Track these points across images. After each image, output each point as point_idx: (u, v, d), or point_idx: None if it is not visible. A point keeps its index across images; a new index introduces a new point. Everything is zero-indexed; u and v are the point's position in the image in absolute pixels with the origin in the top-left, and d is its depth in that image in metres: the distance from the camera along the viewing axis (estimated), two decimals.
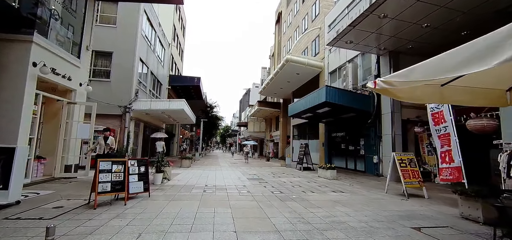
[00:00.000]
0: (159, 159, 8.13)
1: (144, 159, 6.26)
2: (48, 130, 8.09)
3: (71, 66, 8.10)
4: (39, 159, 7.76)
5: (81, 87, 8.58)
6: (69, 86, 8.09)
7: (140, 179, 5.94)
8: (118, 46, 13.79)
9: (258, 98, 38.97)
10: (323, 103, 12.37)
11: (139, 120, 15.13)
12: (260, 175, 11.72)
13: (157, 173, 8.11)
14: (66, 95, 8.28)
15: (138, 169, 5.98)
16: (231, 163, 20.66)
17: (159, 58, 19.23)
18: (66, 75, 7.78)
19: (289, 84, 23.44)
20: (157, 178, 8.07)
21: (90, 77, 13.46)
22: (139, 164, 6.04)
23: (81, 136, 8.09)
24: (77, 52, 8.51)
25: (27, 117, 6.38)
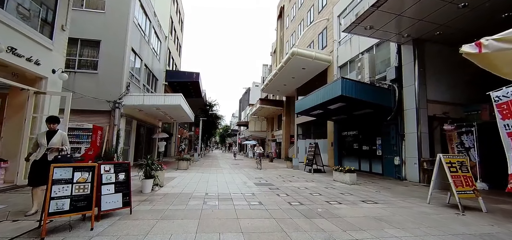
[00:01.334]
0: (148, 162, 6.57)
1: (125, 163, 4.69)
2: (11, 127, 6.49)
3: (39, 47, 6.52)
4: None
5: (54, 75, 6.99)
6: (38, 73, 6.50)
7: (118, 190, 4.38)
8: (107, 33, 12.20)
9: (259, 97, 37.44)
10: (338, 98, 10.85)
11: (131, 117, 13.53)
12: (267, 179, 10.18)
13: (147, 179, 6.55)
14: (35, 84, 6.70)
15: (116, 177, 4.42)
16: (232, 164, 19.09)
17: (155, 51, 17.63)
18: (32, 58, 6.20)
19: (294, 80, 21.94)
20: (146, 185, 6.51)
21: (75, 68, 11.89)
22: (117, 170, 4.48)
23: None
24: (49, 32, 6.92)
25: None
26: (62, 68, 7.24)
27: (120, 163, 4.60)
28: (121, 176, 4.51)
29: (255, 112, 31.37)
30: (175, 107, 12.83)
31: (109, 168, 4.39)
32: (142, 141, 16.57)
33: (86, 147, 11.15)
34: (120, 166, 4.57)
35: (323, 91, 11.99)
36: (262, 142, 35.21)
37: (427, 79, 10.74)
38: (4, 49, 5.14)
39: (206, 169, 13.50)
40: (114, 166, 4.47)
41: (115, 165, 4.51)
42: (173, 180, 9.00)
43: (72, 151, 11.04)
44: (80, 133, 11.20)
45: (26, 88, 6.28)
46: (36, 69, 6.42)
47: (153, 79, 17.69)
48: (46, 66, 6.78)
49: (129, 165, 4.72)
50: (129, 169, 4.68)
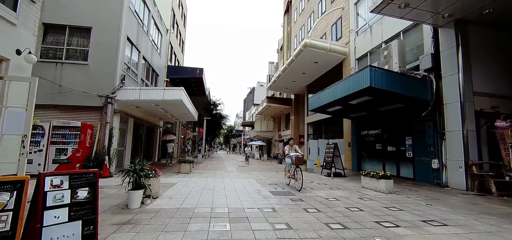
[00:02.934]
0: (135, 168, 4.94)
1: (91, 172, 3.06)
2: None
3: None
4: None
5: (19, 56, 5.43)
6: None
7: (75, 216, 2.75)
8: (98, 20, 10.66)
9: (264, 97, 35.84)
10: (364, 90, 9.11)
11: (127, 115, 11.97)
12: (283, 186, 8.49)
13: (134, 190, 4.93)
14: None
15: (73, 195, 2.80)
16: (239, 166, 17.44)
17: (155, 43, 16.09)
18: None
19: (304, 76, 20.25)
20: (134, 199, 4.88)
21: (62, 59, 10.36)
22: (75, 184, 2.86)
23: (10, 130, 4.94)
24: (12, 3, 5.38)
25: None
26: (31, 49, 5.67)
27: (82, 174, 2.97)
28: (82, 193, 2.88)
29: (261, 111, 29.72)
30: (176, 103, 11.23)
31: (61, 182, 2.76)
32: (140, 142, 15.03)
33: (74, 148, 9.60)
34: (81, 177, 2.94)
35: (345, 83, 10.27)
36: (268, 143, 33.57)
37: (472, 67, 8.99)
38: None
39: (211, 173, 11.86)
40: (70, 177, 2.84)
41: (73, 176, 2.88)
42: (171, 188, 7.37)
43: (57, 152, 9.52)
44: (67, 132, 9.65)
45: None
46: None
47: (153, 74, 16.13)
48: (7, 45, 5.22)
49: (97, 175, 3.09)
50: (96, 181, 3.06)
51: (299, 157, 8.01)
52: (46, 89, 9.99)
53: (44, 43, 10.40)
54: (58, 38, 10.52)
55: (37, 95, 9.97)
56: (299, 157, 8.03)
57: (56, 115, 10.10)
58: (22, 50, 5.51)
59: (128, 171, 4.93)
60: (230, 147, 72.86)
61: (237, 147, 64.05)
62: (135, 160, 5.18)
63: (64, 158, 9.52)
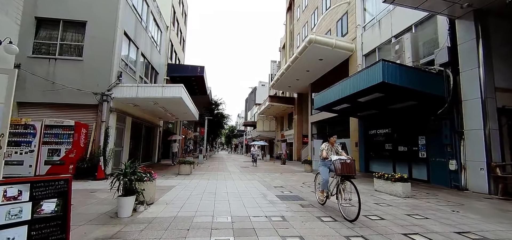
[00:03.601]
0: (126, 170, 4.32)
1: (62, 179, 2.43)
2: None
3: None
4: None
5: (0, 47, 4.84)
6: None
7: (37, 236, 2.13)
8: (94, 13, 10.07)
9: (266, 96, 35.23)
10: (376, 86, 8.46)
11: (125, 113, 11.36)
12: (291, 189, 7.86)
13: (125, 196, 4.31)
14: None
15: (33, 210, 2.17)
16: (241, 166, 16.81)
17: (154, 40, 15.49)
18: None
19: (308, 74, 19.60)
20: (124, 205, 4.26)
21: (56, 55, 9.78)
22: (38, 194, 2.23)
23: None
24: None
25: None
26: (12, 38, 5.06)
27: (49, 181, 2.34)
28: (48, 206, 2.26)
29: (263, 110, 29.07)
30: (175, 100, 10.62)
31: (19, 193, 2.13)
32: (140, 142, 14.43)
33: (67, 149, 9.00)
34: (48, 186, 2.31)
35: (355, 80, 9.61)
36: (270, 143, 32.93)
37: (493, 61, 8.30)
38: None
39: (213, 174, 11.23)
40: (32, 186, 2.22)
41: (36, 185, 2.25)
42: (169, 192, 6.75)
43: (50, 153, 8.93)
44: (60, 132, 9.06)
45: None
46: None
47: (153, 72, 15.53)
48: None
49: (69, 182, 2.46)
50: (68, 190, 2.43)
51: (348, 164, 4.65)
52: (38, 86, 9.44)
53: (37, 38, 9.82)
54: (52, 33, 9.94)
55: (29, 92, 9.48)
56: (349, 163, 4.67)
57: (49, 113, 9.52)
58: (2, 39, 4.90)
59: (118, 175, 4.30)
60: (232, 147, 72.22)
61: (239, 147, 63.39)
62: (127, 162, 4.55)
63: (56, 159, 8.93)
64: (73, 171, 8.90)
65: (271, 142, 33.51)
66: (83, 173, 8.83)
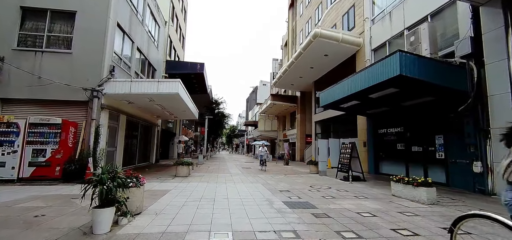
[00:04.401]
0: (103, 176, 3.48)
1: None
2: None
3: None
4: None
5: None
6: None
7: None
8: (84, 3, 9.27)
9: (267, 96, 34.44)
10: (392, 80, 7.61)
11: (118, 111, 10.55)
12: (299, 194, 7.01)
13: (101, 207, 3.47)
14: None
15: None
16: (243, 167, 15.97)
17: (151, 35, 14.67)
18: None
19: (312, 71, 18.76)
20: (101, 221, 3.42)
21: (43, 47, 8.99)
22: None
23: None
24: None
25: None
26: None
27: None
28: None
29: (265, 109, 28.22)
30: (172, 97, 9.80)
31: None
32: (136, 142, 13.61)
33: (54, 149, 8.20)
34: None
35: (367, 74, 8.74)
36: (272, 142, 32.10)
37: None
38: None
39: (212, 176, 10.39)
40: None
41: None
42: (162, 198, 5.91)
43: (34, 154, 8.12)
44: (46, 131, 8.26)
45: None
46: None
47: (150, 68, 14.72)
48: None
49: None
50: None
51: None
52: (23, 81, 8.65)
53: (22, 29, 9.03)
54: (38, 24, 9.14)
55: (13, 88, 8.64)
56: None
57: (34, 110, 8.72)
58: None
59: (91, 180, 3.46)
60: (233, 147, 71.37)
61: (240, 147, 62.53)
62: (104, 166, 3.72)
63: (42, 160, 8.12)
64: (59, 173, 8.10)
65: (273, 142, 32.65)
66: (70, 176, 8.02)
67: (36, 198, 5.68)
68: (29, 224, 3.75)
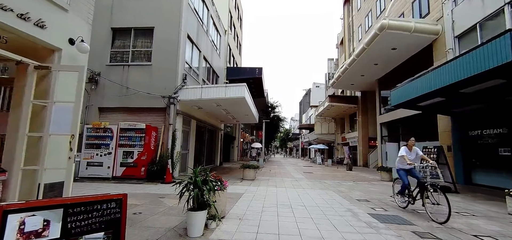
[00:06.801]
0: (196, 178, 3.41)
1: (114, 199, 1.49)
2: (13, 123, 4.28)
3: (44, 2, 4.16)
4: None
5: (72, 47, 4.64)
6: (45, 40, 4.16)
7: None
8: (160, 19, 10.17)
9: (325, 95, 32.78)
10: (502, 68, 5.97)
11: (189, 116, 11.20)
12: (380, 204, 6.05)
13: (196, 210, 3.39)
14: (44, 58, 4.42)
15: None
16: (304, 172, 15.26)
17: (214, 44, 15.38)
18: (29, 16, 3.83)
19: (376, 68, 16.90)
20: (195, 224, 3.35)
21: (129, 62, 10.13)
22: (76, 225, 1.33)
23: (58, 129, 4.06)
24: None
25: None
26: (84, 38, 4.85)
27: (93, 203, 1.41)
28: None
29: (321, 112, 26.81)
30: (238, 101, 9.90)
31: (44, 225, 1.22)
32: (203, 145, 14.32)
33: (139, 151, 9.07)
34: (92, 210, 1.38)
35: (460, 64, 7.11)
36: (330, 146, 30.30)
37: None
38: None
39: (278, 180, 10.05)
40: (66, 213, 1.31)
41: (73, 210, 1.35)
42: (239, 202, 5.78)
43: (124, 155, 9.12)
44: (133, 135, 9.21)
45: (16, 59, 3.91)
46: (41, 34, 4.07)
47: (214, 76, 15.42)
48: (59, 34, 4.43)
49: (123, 205, 1.52)
50: (122, 216, 1.47)
51: None
52: (115, 92, 9.87)
53: (113, 47, 10.38)
54: (125, 42, 10.39)
55: (107, 98, 9.88)
56: None
57: (123, 117, 9.85)
58: (74, 38, 4.70)
59: (187, 184, 3.42)
60: (287, 150, 70.45)
61: (294, 151, 61.29)
62: (196, 168, 3.67)
63: (130, 161, 9.06)
64: (144, 173, 8.90)
65: (331, 145, 30.78)
66: (153, 176, 8.73)
67: (130, 196, 6.20)
68: (131, 221, 3.95)
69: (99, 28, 10.17)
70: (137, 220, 4.07)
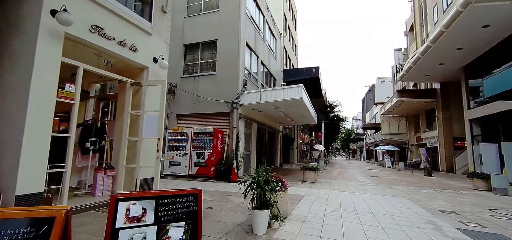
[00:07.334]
0: (258, 179, 3.53)
1: (191, 194, 1.69)
2: (118, 129, 5.34)
3: (135, 30, 5.08)
4: (104, 170, 5.05)
5: (155, 64, 5.49)
6: (136, 61, 5.07)
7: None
8: (222, 31, 10.99)
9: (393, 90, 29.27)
10: None
11: (250, 119, 11.69)
12: (475, 219, 4.97)
13: (259, 209, 3.52)
14: (136, 76, 5.36)
15: (158, 236, 1.49)
16: (370, 175, 13.89)
17: (270, 48, 15.66)
18: (126, 42, 4.74)
19: (460, 53, 14.01)
20: (259, 222, 3.47)
21: (198, 73, 11.29)
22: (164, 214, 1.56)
23: (148, 134, 4.84)
24: (148, 13, 5.53)
25: (38, 97, 3.44)
26: (164, 55, 5.67)
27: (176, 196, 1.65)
28: (175, 233, 1.54)
29: (389, 109, 23.88)
30: (295, 102, 9.81)
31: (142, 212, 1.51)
32: (263, 147, 14.70)
33: (209, 152, 9.98)
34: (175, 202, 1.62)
35: None
36: (400, 147, 26.71)
37: None
38: (71, 20, 3.61)
39: (341, 184, 9.44)
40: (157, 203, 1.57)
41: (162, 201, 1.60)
42: (300, 204, 5.69)
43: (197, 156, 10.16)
44: (204, 138, 10.19)
45: (121, 79, 4.88)
46: (133, 56, 4.98)
47: (271, 79, 15.70)
48: (146, 53, 5.32)
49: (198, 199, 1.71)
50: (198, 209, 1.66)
51: None
52: (188, 100, 11.13)
53: (185, 61, 11.75)
54: (194, 55, 11.63)
55: (183, 106, 11.23)
56: None
57: (195, 122, 11.00)
58: (157, 57, 5.54)
59: (251, 183, 3.58)
60: (349, 152, 65.49)
61: (358, 153, 56.47)
62: (258, 169, 3.80)
63: (202, 161, 10.04)
64: (213, 172, 9.74)
65: (402, 147, 27.09)
66: (221, 175, 9.46)
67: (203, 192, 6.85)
68: (204, 214, 4.38)
69: (174, 46, 11.68)
70: (210, 214, 4.48)
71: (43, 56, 3.52)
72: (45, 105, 3.56)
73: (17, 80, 3.58)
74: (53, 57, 3.66)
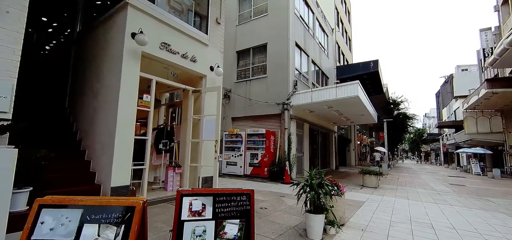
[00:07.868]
0: (312, 181, 3.43)
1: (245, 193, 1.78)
2: (183, 132, 6.00)
3: (195, 43, 5.64)
4: (174, 168, 5.74)
5: (212, 72, 5.96)
6: (196, 71, 5.62)
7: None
8: (271, 34, 11.13)
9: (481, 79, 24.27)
10: None
11: (302, 120, 11.46)
12: None
13: (314, 213, 3.42)
14: (196, 84, 5.93)
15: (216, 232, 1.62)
16: (450, 183, 11.81)
17: (321, 45, 14.99)
18: (187, 55, 5.31)
19: None
20: (313, 226, 3.37)
21: (250, 77, 11.71)
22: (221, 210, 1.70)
23: (207, 136, 5.28)
24: (204, 26, 6.06)
25: (124, 107, 4.17)
26: (219, 63, 6.11)
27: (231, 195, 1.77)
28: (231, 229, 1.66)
29: (475, 103, 19.75)
30: (351, 101, 9.14)
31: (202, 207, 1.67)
32: (317, 148, 14.18)
33: (262, 153, 10.22)
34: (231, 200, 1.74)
35: None
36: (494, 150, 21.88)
37: None
38: (145, 40, 4.26)
39: (410, 191, 8.31)
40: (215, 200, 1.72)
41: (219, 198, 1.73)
42: (359, 210, 5.27)
43: (251, 157, 10.54)
44: (256, 139, 10.51)
45: (182, 87, 5.49)
46: (193, 66, 5.53)
47: (323, 77, 15.02)
48: (204, 63, 5.83)
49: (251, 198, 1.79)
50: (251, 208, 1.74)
51: None
52: (241, 103, 11.65)
53: (238, 67, 12.34)
54: (246, 61, 12.12)
55: (237, 109, 11.82)
56: None
57: (249, 124, 11.43)
58: (214, 65, 6.01)
59: (304, 186, 3.51)
60: (421, 155, 56.82)
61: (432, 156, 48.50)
62: (311, 171, 3.71)
63: (256, 162, 10.36)
64: (267, 173, 9.92)
65: (496, 149, 22.11)
66: (274, 176, 9.57)
67: (256, 193, 7.08)
68: (258, 214, 4.52)
69: (228, 53, 12.42)
70: (264, 214, 4.59)
71: (127, 73, 4.27)
72: (130, 113, 4.31)
73: (109, 95, 4.43)
74: (134, 73, 4.40)
